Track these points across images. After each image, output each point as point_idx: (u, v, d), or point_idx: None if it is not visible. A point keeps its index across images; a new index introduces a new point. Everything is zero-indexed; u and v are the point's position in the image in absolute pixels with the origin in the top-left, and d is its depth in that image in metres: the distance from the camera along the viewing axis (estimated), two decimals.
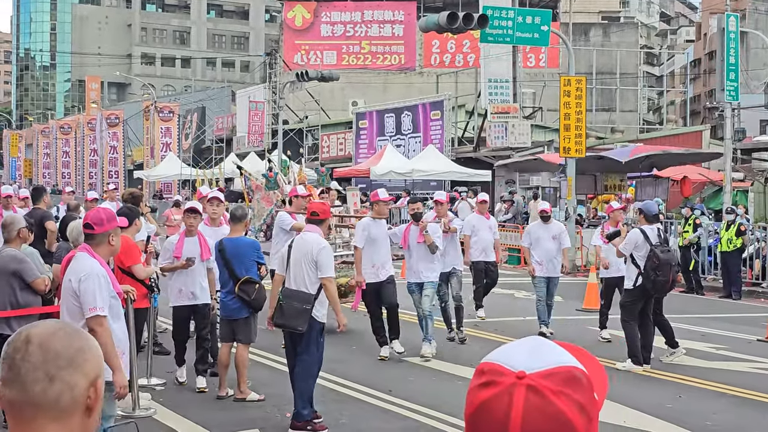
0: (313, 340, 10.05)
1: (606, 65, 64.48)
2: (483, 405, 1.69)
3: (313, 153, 53.08)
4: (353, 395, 11.68)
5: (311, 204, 11.08)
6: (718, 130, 44.17)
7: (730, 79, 29.61)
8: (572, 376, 1.72)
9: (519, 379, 1.68)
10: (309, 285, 10.02)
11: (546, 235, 16.53)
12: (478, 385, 1.73)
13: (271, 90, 53.94)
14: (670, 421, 10.70)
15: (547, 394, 1.68)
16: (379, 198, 14.28)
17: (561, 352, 1.76)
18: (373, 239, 13.94)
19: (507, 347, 1.78)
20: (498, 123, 42.83)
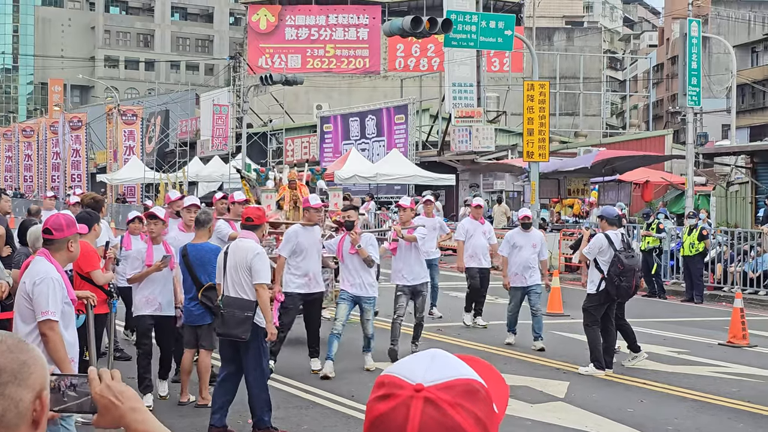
0: (257, 347, 9.91)
1: (569, 69, 64.85)
2: (380, 418, 1.69)
3: (277, 157, 52.95)
4: (316, 401, 11.63)
5: (246, 209, 10.90)
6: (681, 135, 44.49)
7: (692, 84, 29.79)
8: (470, 388, 1.72)
9: (417, 392, 1.68)
10: (248, 291, 9.85)
11: (526, 242, 16.00)
12: (376, 397, 1.72)
13: (235, 93, 53.69)
14: (632, 425, 10.72)
15: (444, 407, 1.68)
16: (310, 205, 13.19)
17: (460, 365, 1.77)
18: (304, 248, 12.95)
19: (407, 360, 1.78)
20: (462, 127, 42.92)
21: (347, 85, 66.64)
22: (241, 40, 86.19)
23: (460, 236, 17.80)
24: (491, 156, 43.57)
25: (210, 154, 56.20)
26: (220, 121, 58.54)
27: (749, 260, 24.23)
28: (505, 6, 63.43)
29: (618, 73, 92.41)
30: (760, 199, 30.64)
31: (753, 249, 24.34)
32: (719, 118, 59.68)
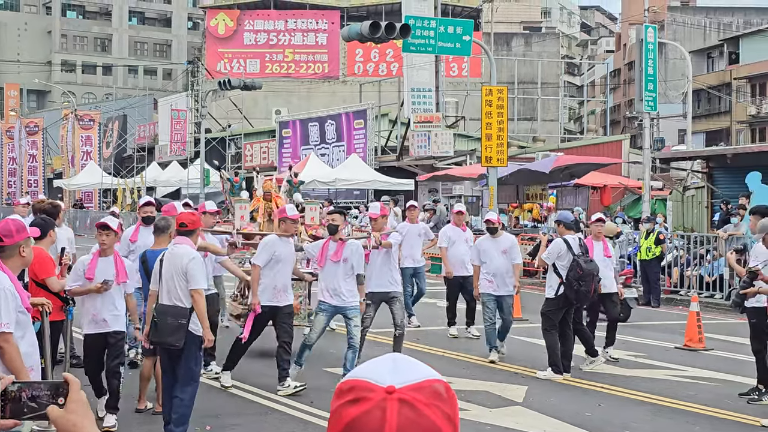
0: (192, 355, 9.72)
1: (528, 75, 65.10)
2: (354, 421, 1.68)
3: (236, 162, 52.79)
4: (274, 407, 11.59)
5: (180, 214, 10.69)
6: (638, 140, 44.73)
7: (649, 89, 30.02)
8: (439, 388, 1.75)
9: (389, 394, 1.67)
10: (183, 298, 9.64)
11: (495, 248, 15.08)
12: (346, 402, 1.71)
13: (193, 98, 53.56)
14: (590, 429, 10.76)
15: (420, 407, 1.69)
16: (287, 215, 12.60)
17: (423, 367, 1.79)
18: (280, 259, 12.36)
19: (368, 365, 1.78)
20: (421, 132, 43.00)
21: (306, 90, 66.60)
22: (199, 44, 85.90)
23: (443, 243, 17.38)
24: (450, 161, 43.67)
25: (168, 159, 55.98)
26: (178, 126, 58.33)
27: (705, 264, 24.43)
28: (464, 11, 63.66)
29: (576, 79, 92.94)
30: (715, 204, 30.90)
31: (709, 253, 24.54)
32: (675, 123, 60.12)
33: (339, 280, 12.58)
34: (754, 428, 11.08)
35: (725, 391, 12.95)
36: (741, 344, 13.70)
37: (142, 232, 13.15)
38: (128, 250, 12.91)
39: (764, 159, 28.80)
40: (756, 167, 26.21)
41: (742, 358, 14.59)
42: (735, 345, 16.48)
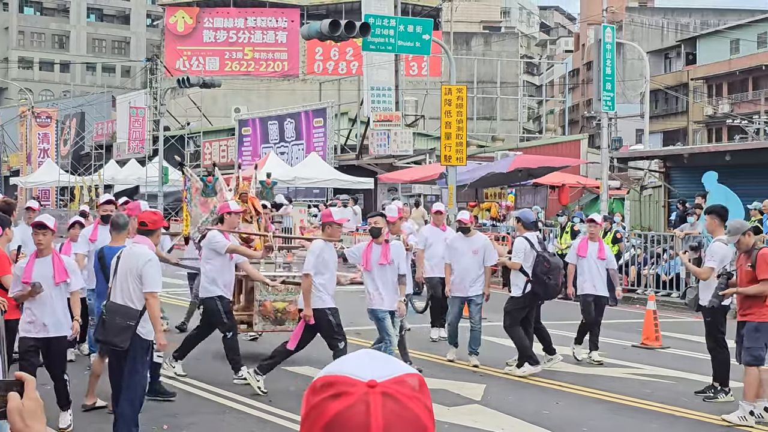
0: (138, 358, 9.46)
1: (487, 74, 65.33)
2: (338, 416, 1.68)
3: (195, 160, 52.55)
4: (232, 405, 11.56)
5: (142, 213, 10.51)
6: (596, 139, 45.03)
7: (607, 89, 30.22)
8: (417, 381, 1.76)
9: (371, 388, 1.68)
10: (135, 300, 9.39)
11: (466, 248, 14.63)
12: (327, 397, 1.71)
13: (152, 96, 53.23)
14: (547, 428, 10.82)
15: (403, 400, 1.70)
16: (333, 219, 12.43)
17: (398, 361, 1.79)
18: (327, 264, 12.11)
19: (344, 360, 1.78)
20: (380, 131, 43.01)
21: (266, 88, 66.41)
22: (158, 42, 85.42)
23: (420, 245, 16.67)
24: (409, 159, 43.72)
25: (126, 157, 55.66)
26: (136, 123, 58.02)
27: (662, 263, 24.62)
28: (423, 10, 63.70)
29: (535, 78, 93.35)
30: (672, 203, 31.16)
31: (666, 252, 24.74)
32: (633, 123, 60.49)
33: (388, 284, 12.61)
34: (710, 425, 11.19)
35: (682, 389, 13.05)
36: (697, 342, 13.82)
37: (101, 230, 13.07)
38: (88, 249, 12.88)
39: (720, 159, 29.08)
40: (712, 167, 26.43)
41: (698, 357, 14.72)
42: (691, 343, 16.61)
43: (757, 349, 11.18)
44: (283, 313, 14.10)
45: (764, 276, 11.14)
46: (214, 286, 12.65)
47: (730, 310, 12.85)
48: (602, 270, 15.18)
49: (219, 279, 12.68)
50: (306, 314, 11.83)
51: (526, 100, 77.92)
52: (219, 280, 12.67)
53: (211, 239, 12.90)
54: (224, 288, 12.76)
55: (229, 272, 12.88)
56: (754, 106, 71.09)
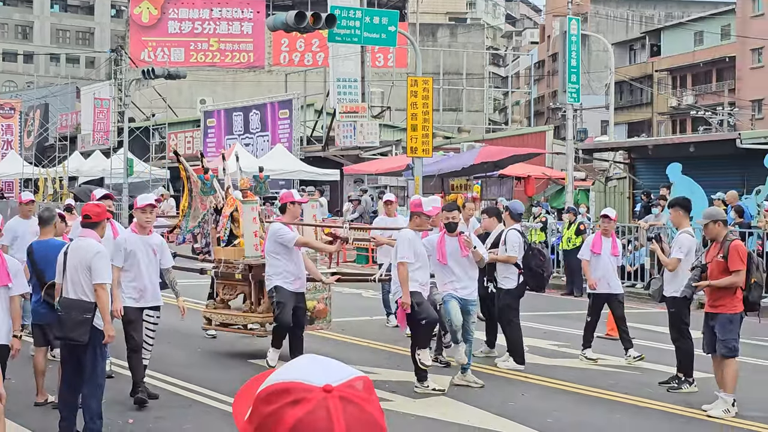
0: (98, 351, 9.49)
1: (453, 65, 65.43)
2: (300, 422, 1.67)
3: (160, 151, 52.29)
4: (198, 399, 11.54)
5: (86, 206, 10.35)
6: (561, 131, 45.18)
7: (572, 81, 30.33)
8: (367, 383, 1.77)
9: (328, 393, 1.68)
10: (88, 293, 9.35)
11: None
12: (285, 404, 1.70)
13: (117, 87, 52.83)
14: (513, 419, 10.87)
15: (360, 403, 1.71)
16: (422, 210, 12.31)
17: (341, 364, 1.80)
18: (419, 256, 12.00)
19: (290, 367, 1.77)
20: (347, 122, 42.97)
21: (231, 79, 66.16)
22: (123, 33, 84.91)
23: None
24: (376, 151, 43.72)
25: (91, 149, 55.28)
26: (101, 115, 57.65)
27: (627, 254, 24.76)
28: (389, 2, 63.67)
29: (500, 70, 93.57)
30: (637, 194, 31.34)
31: (630, 243, 24.89)
32: (598, 114, 60.83)
33: (466, 274, 12.36)
34: (674, 416, 11.28)
35: (645, 379, 13.15)
36: (661, 333, 13.93)
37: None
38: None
39: (684, 150, 29.27)
40: (676, 158, 26.58)
41: (662, 347, 14.83)
42: (655, 334, 16.72)
43: (731, 340, 11.24)
44: (313, 311, 13.99)
45: (736, 267, 11.22)
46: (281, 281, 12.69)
47: (693, 301, 12.95)
48: (615, 266, 15.12)
49: (290, 272, 12.71)
50: (404, 302, 11.72)
51: (492, 92, 78.11)
52: (289, 274, 12.71)
53: (276, 232, 12.71)
54: (292, 283, 12.75)
55: (299, 266, 12.88)
56: (718, 98, 71.66)
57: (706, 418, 11.10)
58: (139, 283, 11.06)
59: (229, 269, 14.13)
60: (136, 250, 11.01)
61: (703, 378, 12.57)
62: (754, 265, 11.46)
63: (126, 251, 10.97)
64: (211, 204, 14.90)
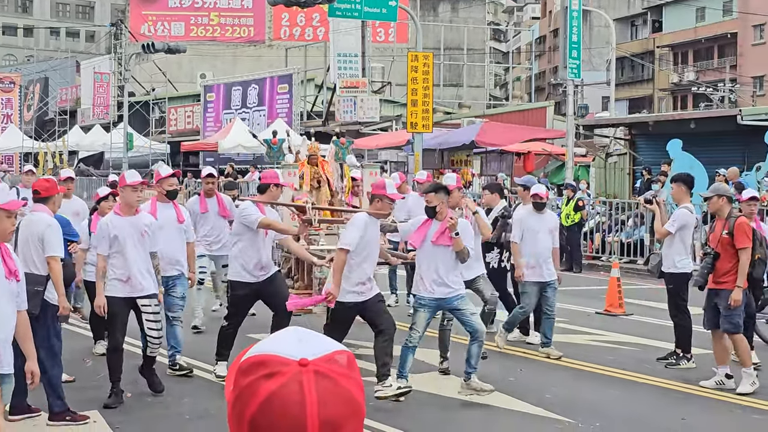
0: (51, 324, 9.45)
1: (454, 41, 65.26)
2: (273, 396, 1.66)
3: (160, 126, 52.26)
4: (198, 374, 11.55)
5: (36, 182, 10.23)
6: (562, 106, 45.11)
7: (573, 56, 30.23)
8: (347, 358, 1.75)
9: (303, 366, 1.67)
10: (39, 266, 9.28)
11: (542, 227, 13.10)
12: (260, 377, 1.69)
13: (117, 61, 52.79)
14: (511, 394, 10.88)
15: (335, 377, 1.70)
16: (386, 193, 10.69)
17: (327, 339, 1.78)
18: (369, 244, 10.64)
19: (272, 340, 1.76)
20: (347, 97, 42.90)
21: (231, 54, 65.99)
22: (123, 6, 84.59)
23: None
24: (376, 126, 43.67)
25: (91, 123, 55.30)
26: (101, 89, 57.64)
27: (626, 229, 24.77)
28: None
29: (501, 45, 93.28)
30: (637, 171, 31.32)
31: (630, 219, 24.88)
32: (599, 90, 60.71)
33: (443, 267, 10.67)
34: (671, 391, 11.29)
35: (644, 355, 13.16)
36: (660, 309, 13.94)
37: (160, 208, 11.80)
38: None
39: (685, 126, 29.22)
40: (677, 135, 26.53)
41: (661, 323, 14.84)
42: (654, 310, 16.74)
43: (735, 316, 11.22)
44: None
45: (742, 245, 11.21)
46: (240, 270, 11.38)
47: (692, 278, 12.94)
48: None
49: (246, 260, 11.34)
50: (330, 292, 10.30)
51: (493, 67, 77.94)
52: (246, 261, 11.34)
53: (241, 211, 11.51)
54: (252, 271, 11.32)
55: (262, 251, 11.43)
56: (719, 74, 71.50)
57: (704, 393, 11.11)
58: (127, 271, 10.19)
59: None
60: (123, 235, 10.18)
61: (701, 354, 12.58)
62: (758, 241, 11.43)
63: (110, 237, 10.18)
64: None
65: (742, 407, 10.66)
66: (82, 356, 12.31)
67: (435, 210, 10.60)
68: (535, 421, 9.97)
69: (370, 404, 9.97)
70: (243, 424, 1.69)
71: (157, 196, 11.93)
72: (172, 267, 11.61)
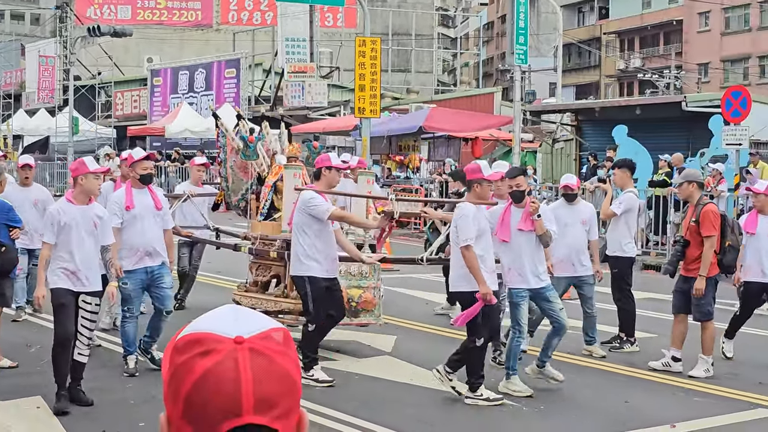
0: None
1: (402, 26, 65.20)
2: (208, 373, 1.67)
3: (106, 110, 51.81)
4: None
5: None
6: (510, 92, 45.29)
7: (520, 42, 30.38)
8: (283, 335, 1.75)
9: (239, 344, 1.68)
10: None
11: (574, 219, 12.29)
12: (195, 355, 1.69)
13: (62, 45, 52.25)
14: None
15: (271, 355, 1.69)
16: (483, 176, 9.90)
17: (262, 316, 1.78)
18: (482, 233, 9.89)
19: (208, 318, 1.76)
20: (295, 82, 42.80)
21: (179, 38, 65.50)
22: None
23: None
24: (324, 111, 43.61)
25: (36, 107, 54.70)
26: (46, 73, 56.98)
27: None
28: None
29: (450, 31, 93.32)
30: (583, 156, 31.55)
31: None
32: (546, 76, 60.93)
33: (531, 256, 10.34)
34: (613, 375, 11.41)
35: None
36: (603, 293, 14.05)
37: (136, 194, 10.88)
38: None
39: (631, 113, 29.46)
40: (622, 121, 26.77)
41: (605, 308, 14.94)
42: (598, 294, 16.81)
43: (705, 305, 11.37)
44: (358, 302, 11.82)
45: (708, 233, 11.29)
46: (310, 261, 10.44)
47: (636, 262, 13.09)
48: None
49: (316, 253, 10.46)
50: (485, 292, 9.53)
51: (441, 53, 77.99)
52: (318, 255, 10.46)
53: (307, 202, 10.44)
54: (324, 264, 10.48)
55: (330, 244, 10.60)
56: (665, 61, 72.14)
57: (648, 377, 11.24)
58: (72, 264, 9.46)
59: (265, 246, 12.20)
60: (72, 224, 9.47)
61: (644, 338, 12.73)
62: (729, 227, 11.53)
63: (59, 225, 9.48)
64: (254, 171, 13.02)
65: (685, 390, 10.80)
66: (26, 342, 12.20)
67: (524, 194, 10.32)
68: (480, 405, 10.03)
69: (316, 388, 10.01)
70: (178, 402, 1.69)
71: (131, 181, 10.95)
72: (153, 258, 10.69)
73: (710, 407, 10.17)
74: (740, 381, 11.24)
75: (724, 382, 11.15)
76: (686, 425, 9.48)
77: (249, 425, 1.66)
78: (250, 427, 1.66)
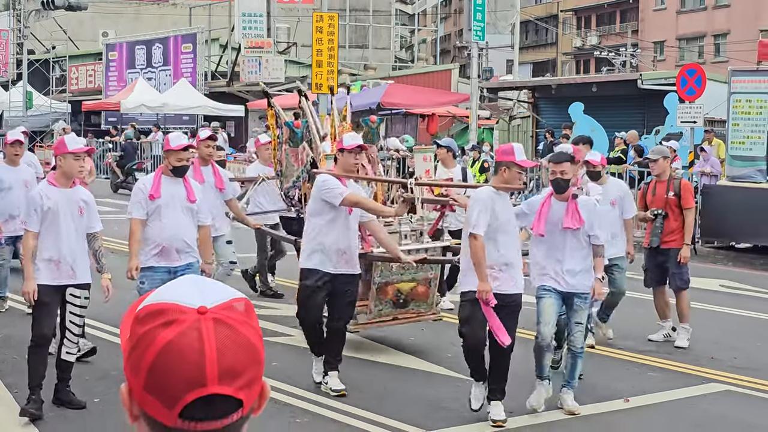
0: None
1: (360, 2, 64.96)
2: (171, 344, 1.66)
3: (60, 85, 51.31)
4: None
5: None
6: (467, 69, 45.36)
7: (477, 19, 30.42)
8: (246, 305, 1.76)
9: (202, 314, 1.68)
10: None
11: (602, 200, 10.63)
12: (157, 325, 1.69)
13: (15, 18, 51.59)
14: (414, 354, 11.03)
15: (235, 325, 1.70)
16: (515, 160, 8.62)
17: (224, 286, 1.78)
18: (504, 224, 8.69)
19: (169, 288, 1.76)
20: (252, 58, 42.57)
21: (135, 12, 64.90)
22: None
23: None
24: (281, 87, 43.44)
25: None
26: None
27: (526, 192, 25.05)
28: None
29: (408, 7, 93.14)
30: (540, 133, 31.68)
31: (532, 181, 25.18)
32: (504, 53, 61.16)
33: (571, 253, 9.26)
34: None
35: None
36: None
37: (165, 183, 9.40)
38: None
39: (587, 90, 29.64)
40: (579, 98, 26.93)
41: None
42: None
43: (684, 273, 11.85)
44: (408, 294, 10.92)
45: (689, 204, 11.87)
46: (316, 254, 9.38)
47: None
48: None
49: (324, 243, 9.36)
50: (482, 290, 8.49)
51: (399, 29, 77.85)
52: (325, 244, 9.35)
53: (320, 185, 9.34)
54: (332, 257, 9.36)
55: (344, 234, 9.41)
56: (621, 39, 72.52)
57: (603, 352, 11.35)
58: (57, 252, 8.61)
59: None
60: (57, 209, 8.60)
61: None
62: None
63: (43, 210, 8.59)
64: (308, 158, 11.86)
65: (639, 365, 10.94)
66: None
67: (569, 184, 9.18)
68: (435, 380, 10.10)
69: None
70: (141, 373, 1.69)
71: (162, 167, 9.52)
72: (180, 255, 9.28)
73: (663, 382, 10.30)
74: (693, 356, 11.43)
75: (677, 356, 11.33)
76: (639, 399, 9.60)
77: (213, 395, 1.67)
78: (215, 397, 1.67)
